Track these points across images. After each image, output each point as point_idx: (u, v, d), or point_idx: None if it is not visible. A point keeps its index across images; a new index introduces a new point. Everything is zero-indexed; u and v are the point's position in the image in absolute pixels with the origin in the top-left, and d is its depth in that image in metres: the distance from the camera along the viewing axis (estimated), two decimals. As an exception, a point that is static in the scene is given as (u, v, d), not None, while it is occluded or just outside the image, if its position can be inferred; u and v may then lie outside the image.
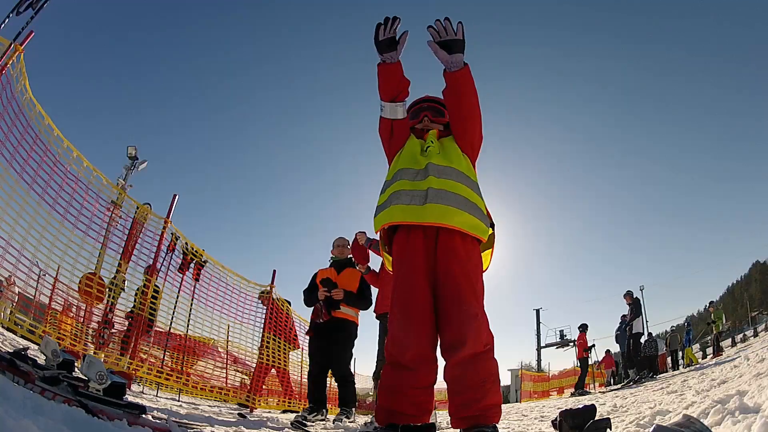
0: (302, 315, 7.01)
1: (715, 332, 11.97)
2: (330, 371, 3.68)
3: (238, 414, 3.77)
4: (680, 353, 12.26)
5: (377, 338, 3.84)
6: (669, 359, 12.46)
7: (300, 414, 3.34)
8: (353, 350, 3.74)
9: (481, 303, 1.51)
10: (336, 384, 3.71)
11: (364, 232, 3.39)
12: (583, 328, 9.91)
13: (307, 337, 3.81)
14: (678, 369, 10.90)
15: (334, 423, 3.32)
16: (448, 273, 1.48)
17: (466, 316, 1.42)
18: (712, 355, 11.60)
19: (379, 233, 1.73)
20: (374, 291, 3.80)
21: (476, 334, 1.41)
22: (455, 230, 1.51)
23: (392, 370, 1.49)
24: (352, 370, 3.83)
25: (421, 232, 1.55)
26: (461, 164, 1.66)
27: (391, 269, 1.67)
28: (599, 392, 10.04)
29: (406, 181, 1.60)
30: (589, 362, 10.08)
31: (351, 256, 3.76)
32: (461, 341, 1.41)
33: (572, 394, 9.70)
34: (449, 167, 1.60)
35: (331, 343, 3.55)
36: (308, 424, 3.14)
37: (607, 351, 14.84)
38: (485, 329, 1.45)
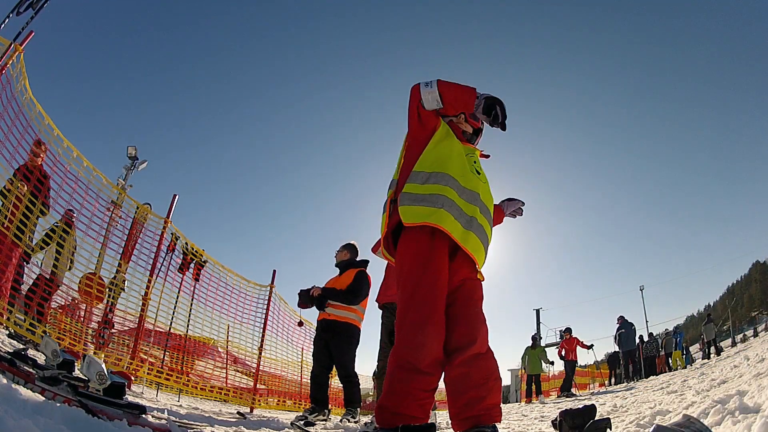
0: (303, 315, 7.02)
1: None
2: (332, 371, 3.71)
3: (238, 413, 3.77)
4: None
5: (379, 334, 3.81)
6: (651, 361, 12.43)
7: (301, 414, 3.36)
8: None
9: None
10: (340, 385, 3.73)
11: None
12: (569, 330, 9.93)
13: (301, 336, 3.83)
14: (670, 371, 10.93)
15: (341, 422, 3.34)
16: (466, 278, 1.55)
17: (478, 318, 1.51)
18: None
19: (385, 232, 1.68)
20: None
21: (484, 335, 1.49)
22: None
23: (406, 374, 1.45)
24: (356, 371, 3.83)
25: (447, 240, 1.53)
26: (492, 200, 1.73)
27: (395, 264, 1.64)
28: (597, 392, 10.06)
29: (454, 193, 1.56)
30: (588, 363, 10.05)
31: (349, 257, 3.81)
32: (472, 341, 1.45)
33: (558, 396, 9.69)
34: (488, 209, 1.68)
35: (334, 345, 3.56)
36: (308, 424, 3.15)
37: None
38: (487, 330, 1.53)
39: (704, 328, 13.03)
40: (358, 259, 3.85)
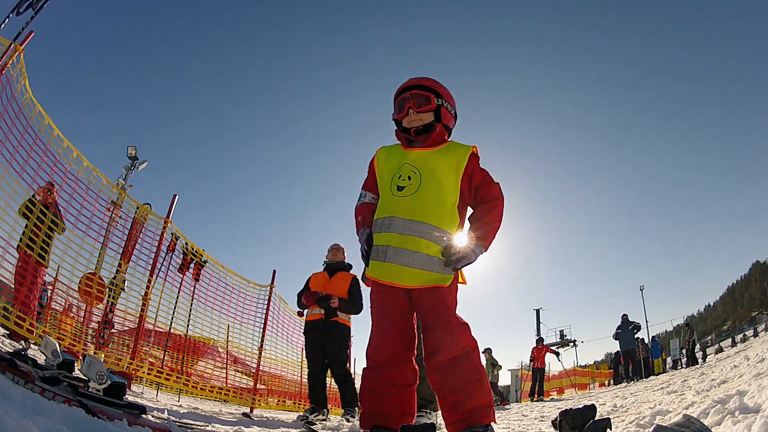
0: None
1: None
2: (329, 371, 3.72)
3: (244, 414, 3.79)
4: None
5: None
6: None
7: (302, 414, 3.37)
8: (350, 351, 3.79)
9: (455, 314, 1.54)
10: (336, 384, 3.76)
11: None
12: (541, 340, 11.44)
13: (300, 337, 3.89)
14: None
15: (338, 423, 3.35)
16: (423, 297, 1.54)
17: (439, 323, 1.49)
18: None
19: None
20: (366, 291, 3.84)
21: (451, 339, 1.46)
22: None
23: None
24: (351, 371, 3.87)
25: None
26: (439, 207, 1.56)
27: None
28: (582, 394, 10.08)
29: (375, 234, 1.61)
30: (588, 363, 10.46)
31: (343, 259, 3.86)
32: (438, 347, 1.47)
33: (533, 400, 10.16)
34: (415, 222, 1.53)
35: (327, 345, 3.58)
36: (310, 424, 3.16)
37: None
38: (462, 334, 1.48)
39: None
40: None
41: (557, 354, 11.61)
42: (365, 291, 3.84)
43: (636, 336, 11.80)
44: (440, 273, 1.52)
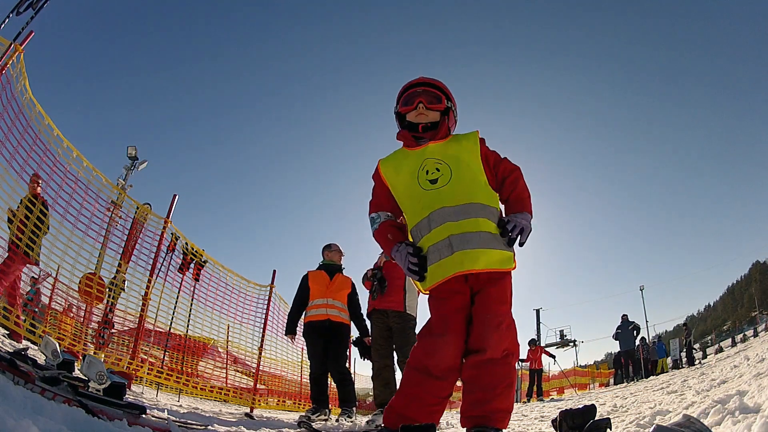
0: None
1: None
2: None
3: (245, 414, 3.80)
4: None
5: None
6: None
7: (303, 414, 3.38)
8: (350, 351, 3.82)
9: (508, 313, 1.52)
10: (335, 384, 3.77)
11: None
12: (534, 341, 11.27)
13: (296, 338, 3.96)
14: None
15: (337, 421, 3.36)
16: (482, 291, 1.50)
17: (490, 324, 1.45)
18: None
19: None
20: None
21: (497, 341, 1.43)
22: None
23: (419, 376, 1.48)
24: (352, 371, 3.90)
25: None
26: (478, 187, 1.57)
27: (423, 291, 1.65)
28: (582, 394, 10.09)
29: (425, 237, 1.56)
30: (588, 363, 10.47)
31: (341, 263, 3.91)
32: (482, 347, 1.43)
33: (528, 401, 10.17)
34: (464, 205, 1.53)
35: (329, 345, 3.59)
36: (311, 424, 3.17)
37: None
38: (508, 338, 1.46)
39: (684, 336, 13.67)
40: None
41: (553, 357, 11.50)
42: (363, 294, 3.86)
43: (637, 336, 11.81)
44: (505, 251, 1.52)
